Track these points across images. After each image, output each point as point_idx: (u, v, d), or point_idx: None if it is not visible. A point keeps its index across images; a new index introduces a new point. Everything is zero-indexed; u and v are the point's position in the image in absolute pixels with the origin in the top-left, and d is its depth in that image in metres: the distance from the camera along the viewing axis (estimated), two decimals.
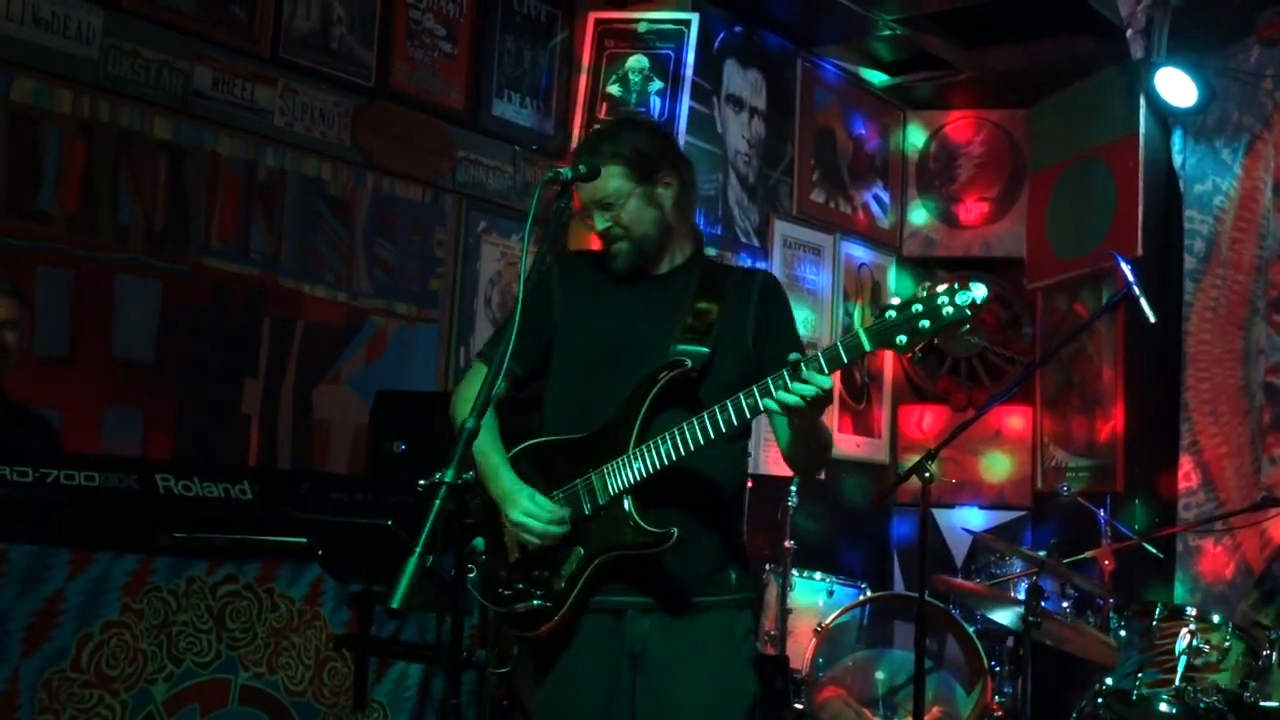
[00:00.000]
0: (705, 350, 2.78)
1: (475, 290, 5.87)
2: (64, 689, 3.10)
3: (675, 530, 2.66)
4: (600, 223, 2.88)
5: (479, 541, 2.91)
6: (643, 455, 2.69)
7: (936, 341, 2.33)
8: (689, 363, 2.74)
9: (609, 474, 2.74)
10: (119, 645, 3.20)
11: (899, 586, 7.43)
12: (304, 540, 3.45)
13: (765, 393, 2.53)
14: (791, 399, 2.46)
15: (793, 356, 2.48)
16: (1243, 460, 6.36)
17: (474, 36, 5.93)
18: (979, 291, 2.28)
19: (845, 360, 2.44)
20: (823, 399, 2.48)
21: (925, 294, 2.35)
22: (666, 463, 2.67)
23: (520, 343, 2.85)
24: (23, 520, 3.11)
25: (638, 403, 2.75)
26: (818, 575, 6.04)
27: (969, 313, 2.27)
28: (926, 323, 2.31)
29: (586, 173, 2.68)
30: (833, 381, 2.48)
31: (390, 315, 5.54)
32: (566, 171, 2.66)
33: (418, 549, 2.05)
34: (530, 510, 2.75)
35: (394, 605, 2.03)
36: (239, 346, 5.05)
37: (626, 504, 2.71)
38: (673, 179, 2.93)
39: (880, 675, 5.76)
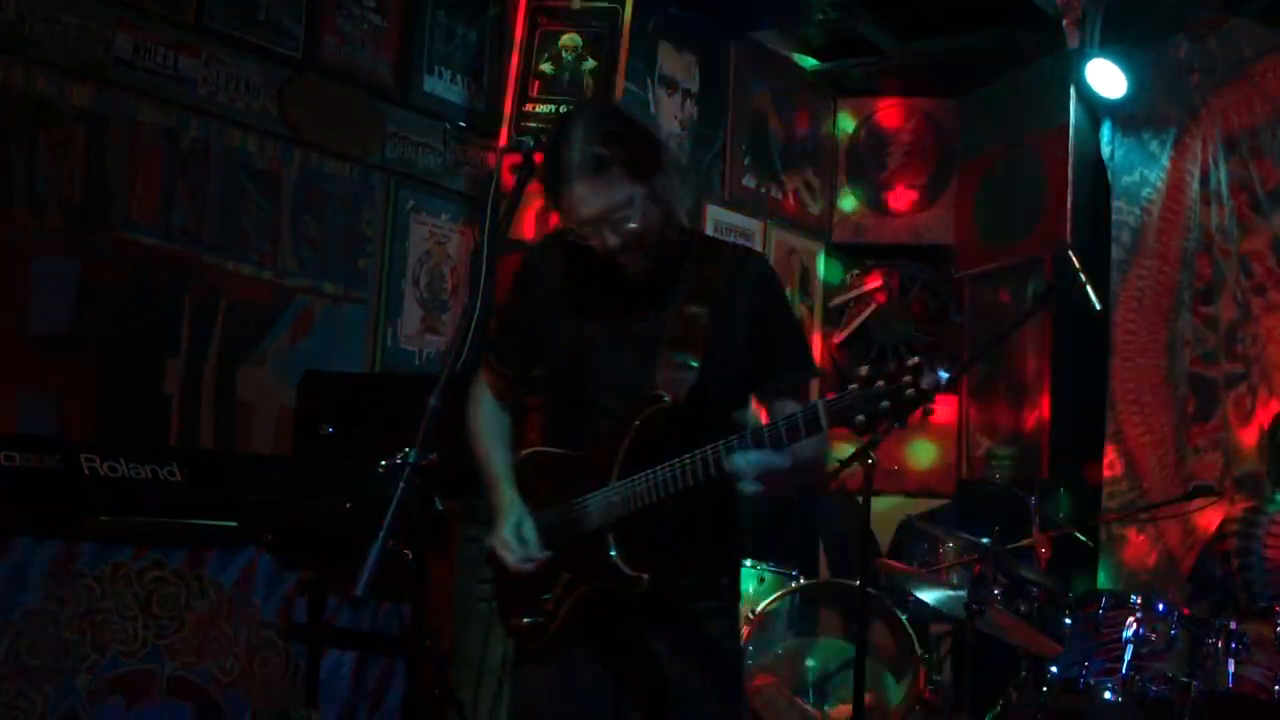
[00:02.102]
0: (693, 370, 2.62)
1: (404, 270, 5.74)
2: None
3: (646, 577, 2.57)
4: (613, 239, 2.60)
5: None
6: (621, 492, 2.59)
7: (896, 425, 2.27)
8: (666, 398, 2.60)
9: (594, 505, 2.64)
10: (40, 635, 3.05)
11: (824, 573, 7.41)
12: (235, 524, 3.32)
13: (712, 460, 2.45)
14: (752, 467, 2.39)
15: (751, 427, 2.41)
16: (1166, 450, 6.43)
17: (404, 10, 5.79)
18: (942, 377, 2.23)
19: (803, 433, 2.33)
20: (771, 472, 2.39)
21: (890, 373, 2.25)
22: (646, 501, 2.56)
23: (510, 345, 2.86)
24: None
25: (621, 434, 2.62)
26: (748, 562, 5.99)
27: (931, 398, 2.22)
28: (887, 403, 2.23)
29: (537, 144, 2.57)
30: (762, 462, 2.37)
31: (317, 294, 5.39)
32: (528, 139, 2.56)
33: (382, 533, 1.94)
34: (507, 542, 2.68)
35: (359, 593, 1.92)
36: (160, 325, 4.88)
37: (609, 539, 2.61)
38: (663, 164, 2.67)
39: (811, 663, 5.73)
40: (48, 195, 4.56)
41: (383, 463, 2.05)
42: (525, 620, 2.72)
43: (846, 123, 7.92)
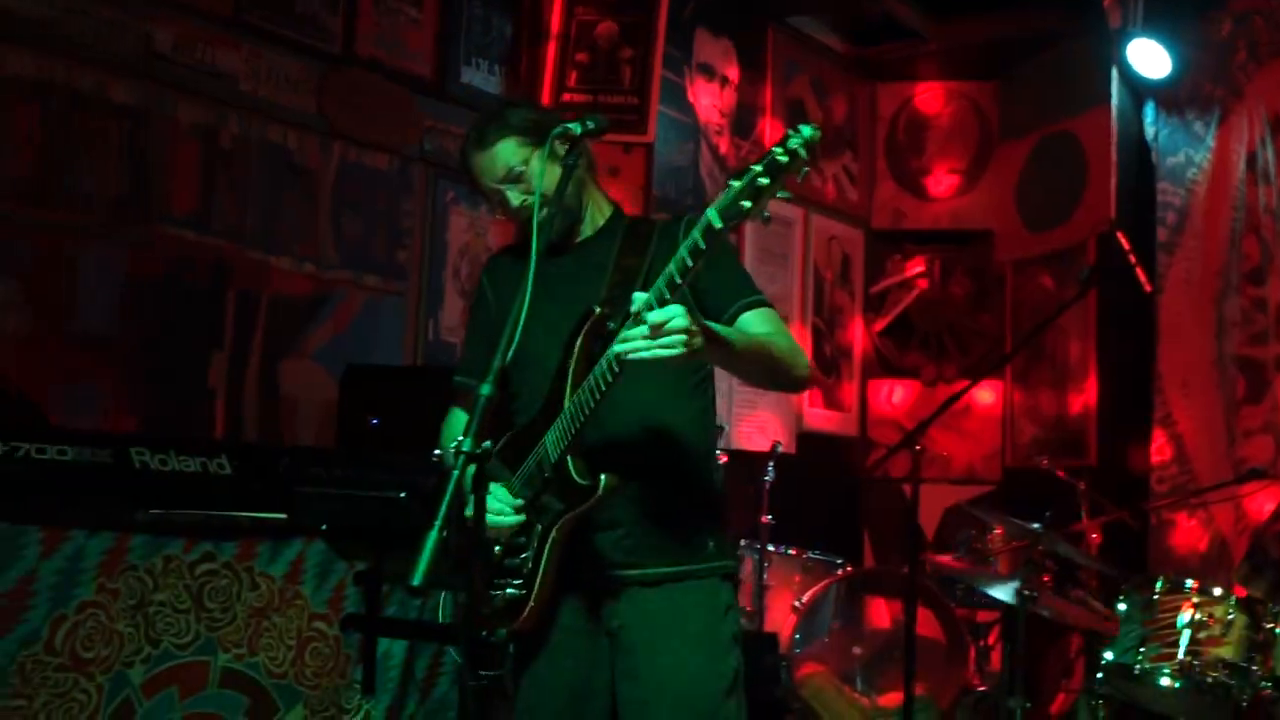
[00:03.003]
0: (630, 300, 2.62)
1: (444, 262, 5.73)
2: (37, 673, 2.95)
3: (604, 478, 2.56)
4: (515, 198, 2.78)
5: None
6: (569, 410, 2.60)
7: (782, 194, 2.27)
8: (598, 310, 2.65)
9: (549, 440, 2.65)
10: (94, 627, 3.05)
11: (870, 561, 7.38)
12: (284, 516, 3.31)
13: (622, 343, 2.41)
14: (640, 345, 2.34)
15: (636, 301, 2.37)
16: (1215, 433, 6.35)
17: (441, 2, 5.77)
18: (806, 131, 2.25)
19: (704, 246, 2.30)
20: (688, 331, 2.33)
21: (761, 155, 2.28)
22: (586, 414, 2.55)
23: (480, 358, 2.79)
24: None
25: (565, 364, 2.67)
26: (793, 550, 5.97)
27: (804, 153, 2.23)
28: (766, 179, 2.24)
29: (595, 128, 2.56)
30: (680, 313, 2.32)
31: (357, 287, 5.39)
32: (575, 126, 2.54)
33: (437, 523, 1.92)
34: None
35: (415, 583, 1.91)
36: (203, 319, 4.89)
37: (568, 464, 2.61)
38: (551, 123, 2.77)
39: (858, 650, 5.70)
40: (90, 191, 4.57)
41: (436, 452, 2.03)
42: (508, 592, 2.69)
43: (885, 107, 7.87)
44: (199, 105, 4.87)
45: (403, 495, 1.99)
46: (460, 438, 2.11)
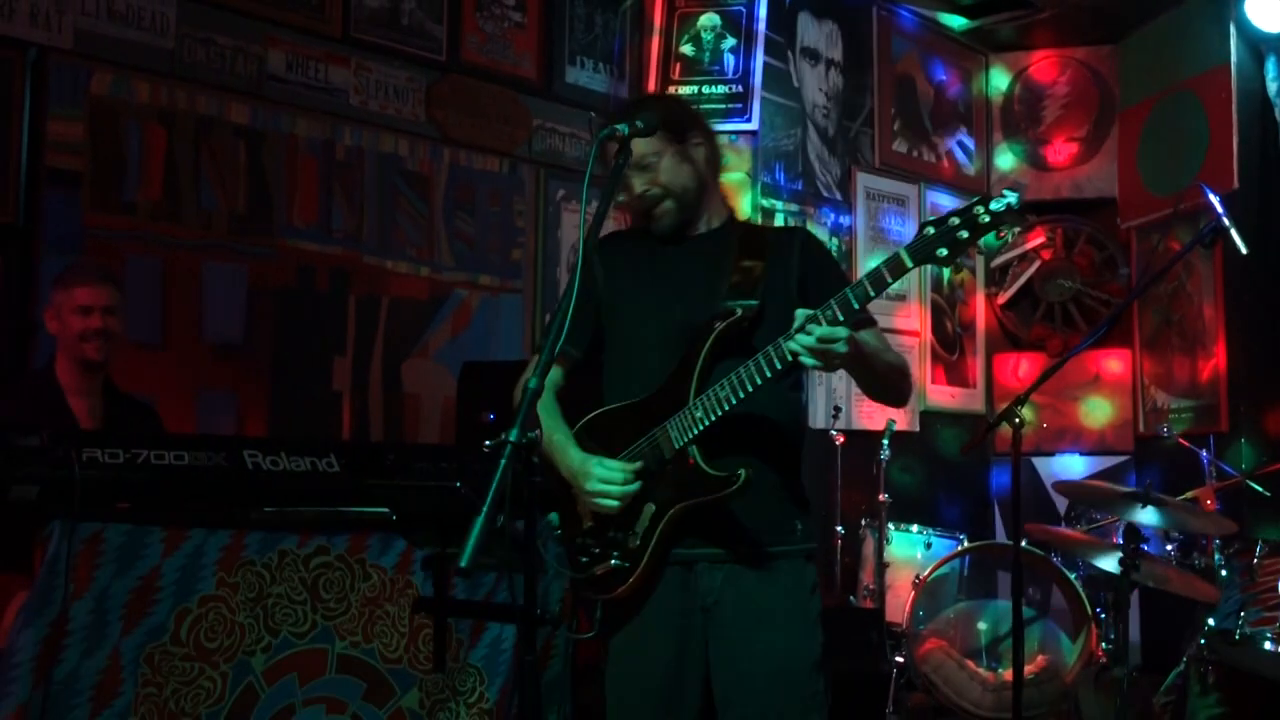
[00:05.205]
0: (754, 302, 2.82)
1: (557, 258, 5.88)
2: (165, 663, 3.16)
3: (743, 472, 2.67)
4: (639, 185, 2.90)
5: (553, 516, 2.96)
6: (703, 404, 2.71)
7: (980, 249, 2.41)
8: (740, 310, 2.78)
9: (673, 427, 2.76)
10: (217, 619, 3.24)
11: (1000, 536, 7.34)
12: (389, 510, 3.47)
13: (788, 339, 2.58)
14: (808, 342, 2.52)
15: (799, 317, 2.54)
16: None
17: (544, 5, 5.92)
18: (1012, 198, 2.40)
19: (890, 280, 2.50)
20: (840, 347, 2.52)
21: (962, 207, 2.45)
22: (725, 408, 2.69)
23: (572, 327, 2.89)
24: (117, 500, 3.17)
25: (694, 355, 2.78)
26: (914, 528, 5.99)
27: (1007, 218, 2.38)
28: (965, 233, 2.41)
29: (644, 128, 2.66)
30: (819, 333, 2.52)
31: (474, 287, 5.57)
32: (623, 127, 2.65)
33: (484, 508, 2.06)
34: (604, 476, 2.79)
35: (462, 565, 2.04)
36: (326, 325, 5.12)
37: (693, 454, 2.73)
38: (702, 140, 2.97)
39: (982, 626, 5.69)
40: (214, 208, 4.83)
41: (487, 443, 2.16)
42: (612, 564, 2.81)
43: (999, 79, 7.79)
44: (313, 121, 5.10)
45: (458, 484, 2.12)
46: (506, 430, 2.23)
